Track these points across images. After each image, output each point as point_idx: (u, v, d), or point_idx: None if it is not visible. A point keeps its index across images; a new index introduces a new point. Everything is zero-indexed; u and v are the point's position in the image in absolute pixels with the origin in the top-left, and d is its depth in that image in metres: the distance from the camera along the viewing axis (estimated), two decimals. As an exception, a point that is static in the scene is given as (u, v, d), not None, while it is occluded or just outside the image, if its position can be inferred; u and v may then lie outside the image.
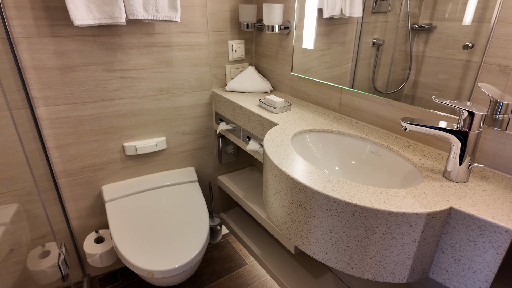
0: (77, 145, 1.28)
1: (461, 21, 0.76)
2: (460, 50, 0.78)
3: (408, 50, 0.90)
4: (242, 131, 1.33)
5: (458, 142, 0.69)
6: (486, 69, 0.74)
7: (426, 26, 0.85)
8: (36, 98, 1.15)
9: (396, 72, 0.95)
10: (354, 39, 1.06)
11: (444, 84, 0.84)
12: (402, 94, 0.95)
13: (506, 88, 0.72)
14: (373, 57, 1.02)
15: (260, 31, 1.46)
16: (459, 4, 0.76)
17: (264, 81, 1.46)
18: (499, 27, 0.70)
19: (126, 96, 1.30)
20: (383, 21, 0.98)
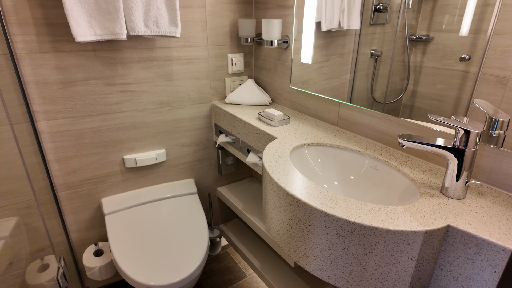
0: (77, 158, 1.29)
1: (458, 33, 0.78)
2: (458, 61, 0.80)
3: (406, 61, 0.92)
4: (241, 143, 1.34)
5: (455, 159, 0.70)
6: (483, 79, 0.75)
7: (424, 37, 0.86)
8: (37, 112, 1.16)
9: (395, 82, 0.96)
10: (352, 51, 1.08)
11: (442, 94, 0.85)
12: (400, 104, 0.96)
13: (504, 99, 0.72)
14: (371, 68, 1.03)
15: (259, 45, 1.48)
16: (456, 16, 0.78)
17: (263, 94, 1.47)
18: (495, 39, 0.71)
19: (126, 109, 1.31)
20: (381, 33, 1.00)
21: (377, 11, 0.98)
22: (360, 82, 1.07)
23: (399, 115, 0.98)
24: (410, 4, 0.87)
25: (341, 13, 1.09)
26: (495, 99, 0.73)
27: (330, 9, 1.12)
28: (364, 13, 1.01)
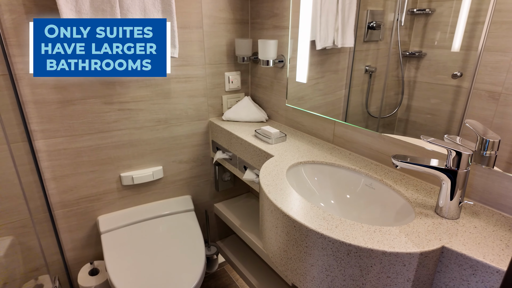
0: (74, 176, 1.28)
1: (450, 49, 0.80)
2: (450, 77, 0.82)
3: (400, 76, 0.94)
4: (238, 160, 1.35)
5: (449, 180, 0.72)
6: (476, 94, 0.77)
7: (416, 53, 0.89)
8: (35, 131, 1.17)
9: (389, 97, 0.98)
10: (347, 67, 1.11)
11: (436, 109, 0.86)
12: (395, 118, 0.98)
13: (496, 113, 0.74)
14: (366, 83, 1.05)
15: (256, 63, 1.51)
16: (447, 33, 0.80)
17: (260, 111, 1.49)
18: (486, 55, 0.73)
19: (124, 127, 1.32)
20: (375, 49, 1.03)
21: (370, 29, 1.01)
22: (355, 97, 1.09)
23: (394, 129, 0.99)
24: (403, 22, 0.90)
25: (335, 31, 1.12)
26: (488, 114, 0.75)
27: (324, 28, 1.15)
28: (358, 31, 1.04)
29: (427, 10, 0.84)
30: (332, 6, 1.10)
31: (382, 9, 0.97)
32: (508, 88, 0.71)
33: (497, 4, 0.70)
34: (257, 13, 1.41)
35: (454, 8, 0.78)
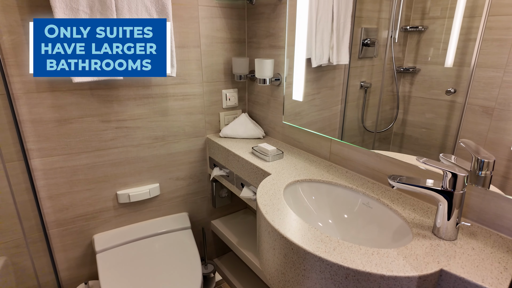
0: (70, 195, 1.27)
1: (443, 65, 0.82)
2: (444, 93, 0.83)
3: (395, 91, 0.95)
4: (235, 177, 1.35)
5: (445, 202, 0.72)
6: (470, 109, 0.78)
7: (411, 69, 0.90)
8: (32, 150, 1.16)
9: (385, 111, 1.00)
10: (342, 83, 1.12)
11: (432, 123, 0.87)
12: (391, 132, 0.99)
13: (490, 128, 0.75)
14: (362, 98, 1.07)
15: (253, 81, 1.53)
16: (440, 49, 0.82)
17: (257, 128, 1.50)
18: (479, 71, 0.75)
19: (121, 145, 1.32)
20: (370, 65, 1.04)
21: (365, 46, 1.03)
22: (351, 112, 1.11)
23: (390, 143, 1.00)
24: (397, 39, 0.92)
25: (331, 49, 1.14)
26: (482, 129, 0.76)
27: (320, 46, 1.17)
28: (352, 48, 1.06)
29: (420, 28, 0.87)
30: (327, 25, 1.13)
31: (376, 27, 1.00)
32: (501, 103, 0.72)
33: (487, 22, 0.72)
34: (254, 32, 1.44)
35: (446, 25, 0.80)
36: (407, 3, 0.89)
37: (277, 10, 1.28)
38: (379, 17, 0.99)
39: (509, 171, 0.73)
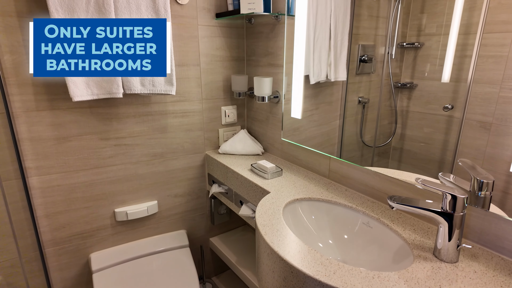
0: (67, 213, 1.26)
1: (440, 80, 0.82)
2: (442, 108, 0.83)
3: (393, 106, 0.96)
4: (234, 194, 1.34)
5: (446, 223, 0.71)
6: (468, 124, 0.78)
7: (408, 84, 0.91)
8: (30, 168, 1.16)
9: (383, 126, 1.00)
10: (341, 99, 1.13)
11: (430, 137, 0.87)
12: (390, 147, 0.99)
13: (489, 143, 0.75)
14: (360, 113, 1.07)
15: (252, 98, 1.54)
16: (436, 65, 0.83)
17: (256, 144, 1.50)
18: (475, 87, 0.76)
19: (120, 163, 1.32)
20: (367, 81, 1.05)
21: (362, 62, 1.05)
22: (349, 127, 1.11)
23: (389, 158, 1.00)
24: (393, 55, 0.94)
25: (328, 66, 1.16)
26: (481, 143, 0.76)
27: (317, 64, 1.19)
28: (350, 64, 1.08)
29: (416, 44, 0.88)
30: (324, 43, 1.15)
31: (373, 43, 1.01)
32: (498, 119, 0.73)
33: (482, 39, 0.73)
34: (253, 51, 1.46)
35: (441, 42, 0.82)
36: (403, 20, 0.90)
37: (275, 29, 1.30)
38: (376, 34, 1.00)
39: (509, 186, 0.73)
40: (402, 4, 0.91)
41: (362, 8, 1.04)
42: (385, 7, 0.95)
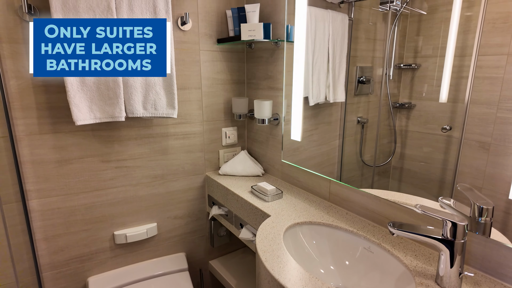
0: (66, 236, 1.25)
1: (438, 100, 0.83)
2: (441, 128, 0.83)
3: (392, 125, 0.96)
4: (234, 217, 1.33)
5: (447, 251, 0.70)
6: (467, 144, 0.78)
7: (406, 104, 0.92)
8: (30, 191, 1.16)
9: (383, 145, 1.00)
10: (340, 119, 1.14)
11: (430, 157, 0.88)
12: (390, 166, 0.99)
13: (488, 163, 0.75)
14: (359, 133, 1.08)
15: (252, 119, 1.55)
16: (434, 86, 0.84)
17: (256, 165, 1.50)
18: (473, 107, 0.76)
19: (120, 185, 1.32)
20: (366, 101, 1.06)
21: (360, 83, 1.06)
22: (349, 147, 1.11)
23: (389, 177, 0.99)
24: (391, 76, 0.95)
25: (327, 88, 1.17)
26: (480, 163, 0.76)
27: (316, 86, 1.20)
28: (348, 85, 1.09)
29: (413, 65, 0.89)
30: (323, 65, 1.17)
31: (371, 65, 1.03)
32: (497, 139, 0.73)
33: (478, 61, 0.74)
34: (253, 74, 1.48)
35: (438, 63, 0.83)
36: (399, 42, 0.92)
37: (275, 54, 1.33)
38: (373, 56, 1.02)
39: (510, 207, 0.72)
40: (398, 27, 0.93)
41: (359, 31, 1.06)
42: (382, 30, 0.97)
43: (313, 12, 1.16)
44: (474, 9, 0.75)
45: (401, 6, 0.92)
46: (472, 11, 0.76)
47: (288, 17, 1.23)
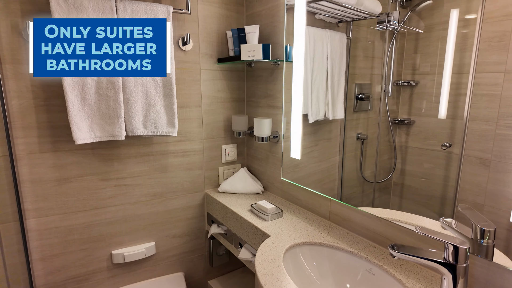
0: (63, 256, 1.24)
1: (437, 117, 0.83)
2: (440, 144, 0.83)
3: (392, 141, 0.95)
4: (234, 236, 1.30)
5: (449, 275, 0.68)
6: (467, 161, 0.78)
7: (405, 120, 0.91)
8: (28, 210, 1.15)
9: (383, 161, 0.99)
10: (339, 135, 1.13)
11: (430, 173, 0.87)
12: (391, 182, 0.97)
13: (489, 179, 0.74)
14: (359, 149, 1.07)
15: (252, 136, 1.55)
16: (432, 102, 0.84)
17: (256, 182, 1.49)
18: (472, 124, 0.76)
19: (119, 203, 1.31)
20: (365, 118, 1.06)
21: (359, 100, 1.06)
22: (349, 163, 1.10)
23: (390, 193, 0.97)
24: (390, 93, 0.95)
25: (326, 105, 1.17)
26: (481, 180, 0.75)
27: (315, 103, 1.21)
28: (347, 102, 1.09)
29: (411, 82, 0.90)
30: (322, 83, 1.17)
31: (369, 82, 1.03)
32: (497, 155, 0.72)
33: (475, 78, 0.75)
34: (253, 92, 1.50)
35: (436, 80, 0.83)
36: (397, 59, 0.93)
37: (274, 74, 1.35)
38: (372, 73, 1.03)
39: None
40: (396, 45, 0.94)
41: (357, 49, 1.07)
42: (380, 48, 0.98)
43: (312, 32, 1.18)
44: (470, 28, 0.76)
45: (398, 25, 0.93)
46: (468, 29, 0.76)
47: (287, 37, 1.25)
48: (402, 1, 0.91)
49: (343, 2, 1.06)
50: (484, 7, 0.73)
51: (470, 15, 0.76)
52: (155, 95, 1.20)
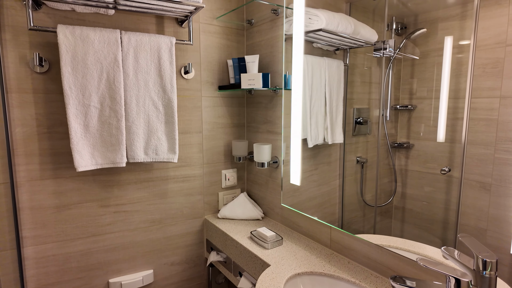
0: (59, 285, 1.21)
1: (435, 140, 0.83)
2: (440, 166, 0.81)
3: (391, 164, 0.94)
4: (233, 264, 1.27)
5: (453, 309, 0.64)
6: (467, 185, 0.77)
7: (404, 144, 0.91)
8: (26, 238, 1.14)
9: (384, 184, 0.98)
10: (339, 159, 1.13)
11: (431, 196, 0.86)
12: (392, 206, 0.96)
13: (491, 204, 0.73)
14: (359, 173, 1.06)
15: (252, 161, 1.55)
16: (430, 126, 0.84)
17: (256, 208, 1.47)
18: (471, 148, 0.76)
19: (118, 230, 1.30)
20: (364, 141, 1.05)
21: (358, 124, 1.06)
22: (349, 187, 1.09)
23: (392, 217, 0.95)
24: (388, 117, 0.95)
25: (325, 130, 1.18)
26: (483, 204, 0.75)
27: (314, 129, 1.21)
28: (346, 126, 1.09)
29: (409, 106, 0.90)
30: (320, 109, 1.18)
31: (368, 107, 1.04)
32: (497, 179, 0.72)
33: (471, 103, 0.75)
34: (253, 118, 1.51)
35: (433, 105, 0.84)
36: (395, 84, 0.94)
37: (273, 101, 1.37)
38: (369, 98, 1.04)
39: None
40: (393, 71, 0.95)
41: (355, 75, 1.09)
42: (377, 73, 0.99)
43: (310, 60, 1.20)
44: (464, 54, 0.77)
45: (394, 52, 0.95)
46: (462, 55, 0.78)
47: (286, 65, 1.28)
48: (397, 30, 0.94)
49: (340, 32, 1.09)
50: (477, 35, 0.75)
51: (464, 41, 0.78)
52: (156, 122, 1.22)
